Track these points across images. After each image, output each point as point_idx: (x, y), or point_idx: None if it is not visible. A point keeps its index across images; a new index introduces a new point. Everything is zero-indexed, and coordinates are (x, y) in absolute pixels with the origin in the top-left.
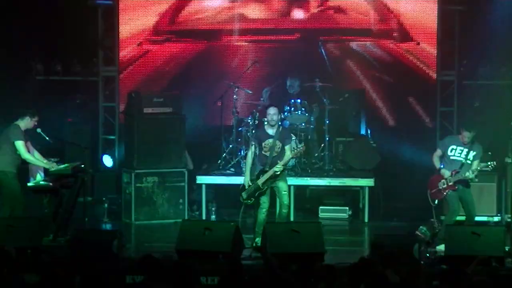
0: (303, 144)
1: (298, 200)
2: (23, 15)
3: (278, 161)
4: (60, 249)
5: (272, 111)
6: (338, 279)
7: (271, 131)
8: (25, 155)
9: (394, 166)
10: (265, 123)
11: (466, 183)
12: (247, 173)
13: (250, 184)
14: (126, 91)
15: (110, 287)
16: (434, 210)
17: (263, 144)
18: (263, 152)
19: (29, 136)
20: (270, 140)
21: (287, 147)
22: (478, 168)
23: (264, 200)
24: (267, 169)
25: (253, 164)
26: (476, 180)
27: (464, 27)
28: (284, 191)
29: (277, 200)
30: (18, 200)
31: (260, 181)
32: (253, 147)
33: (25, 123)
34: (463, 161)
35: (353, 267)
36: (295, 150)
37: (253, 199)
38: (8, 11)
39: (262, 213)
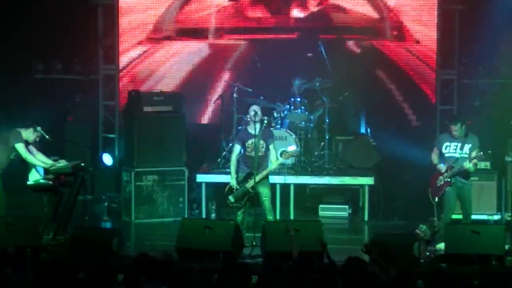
0: (295, 149)
1: (298, 198)
2: (23, 14)
3: (270, 160)
4: (60, 247)
5: (256, 107)
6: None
7: (253, 130)
8: (27, 157)
9: (394, 164)
10: (249, 122)
11: (464, 175)
12: (234, 175)
13: (238, 187)
14: (126, 89)
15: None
16: (436, 209)
17: (246, 144)
18: (247, 153)
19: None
20: (253, 140)
21: (271, 147)
22: (477, 158)
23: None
24: (254, 171)
25: (238, 165)
26: (473, 167)
27: (464, 26)
28: (265, 197)
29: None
30: None
31: (249, 185)
32: (237, 149)
33: (26, 133)
34: (458, 156)
35: (344, 266)
36: (286, 154)
37: (242, 203)
38: (8, 10)
39: (239, 215)
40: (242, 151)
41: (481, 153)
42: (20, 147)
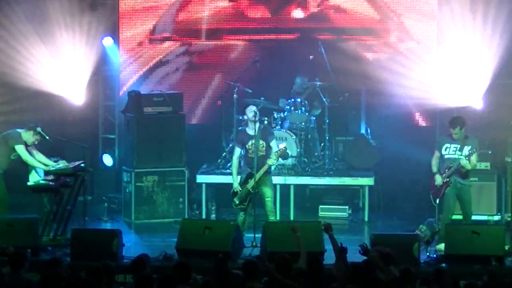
0: (284, 146)
1: (298, 199)
2: (23, 13)
3: (268, 159)
4: (60, 248)
5: (253, 108)
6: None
7: (251, 131)
8: (27, 159)
9: (394, 165)
10: (247, 123)
11: (462, 175)
12: (235, 178)
13: (240, 189)
14: (126, 90)
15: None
16: (437, 209)
17: (247, 146)
18: (249, 155)
19: None
20: (253, 141)
21: (272, 143)
22: (476, 157)
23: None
24: (255, 172)
25: (240, 167)
26: (469, 163)
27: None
28: (267, 197)
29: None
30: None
31: (249, 185)
32: (237, 151)
33: (26, 135)
34: (457, 157)
35: (355, 268)
36: (277, 152)
37: (246, 204)
38: (7, 10)
39: (241, 215)
40: (243, 153)
41: (473, 150)
42: (20, 148)
